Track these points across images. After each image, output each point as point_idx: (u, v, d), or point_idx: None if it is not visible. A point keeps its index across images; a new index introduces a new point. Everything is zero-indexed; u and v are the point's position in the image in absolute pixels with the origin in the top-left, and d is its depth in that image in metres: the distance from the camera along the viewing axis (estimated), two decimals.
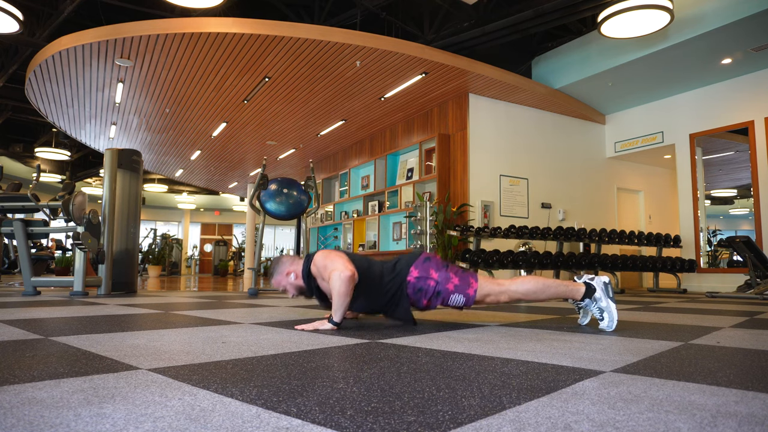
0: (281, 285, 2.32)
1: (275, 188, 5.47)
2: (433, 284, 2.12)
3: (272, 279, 2.33)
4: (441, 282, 2.12)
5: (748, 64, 6.85)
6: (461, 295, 2.11)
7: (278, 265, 2.33)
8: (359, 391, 0.97)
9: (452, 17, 7.12)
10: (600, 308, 2.06)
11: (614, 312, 2.04)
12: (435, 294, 2.12)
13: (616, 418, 0.81)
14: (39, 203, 4.42)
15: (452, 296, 2.11)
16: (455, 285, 2.11)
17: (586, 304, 2.10)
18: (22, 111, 10.80)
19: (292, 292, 2.32)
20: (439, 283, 2.12)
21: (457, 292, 2.11)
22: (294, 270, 2.29)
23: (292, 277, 2.28)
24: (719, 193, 8.24)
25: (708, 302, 4.30)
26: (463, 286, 2.11)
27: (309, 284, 2.24)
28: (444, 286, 2.11)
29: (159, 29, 5.74)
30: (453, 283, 2.12)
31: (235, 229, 22.15)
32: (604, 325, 2.05)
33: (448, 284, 2.12)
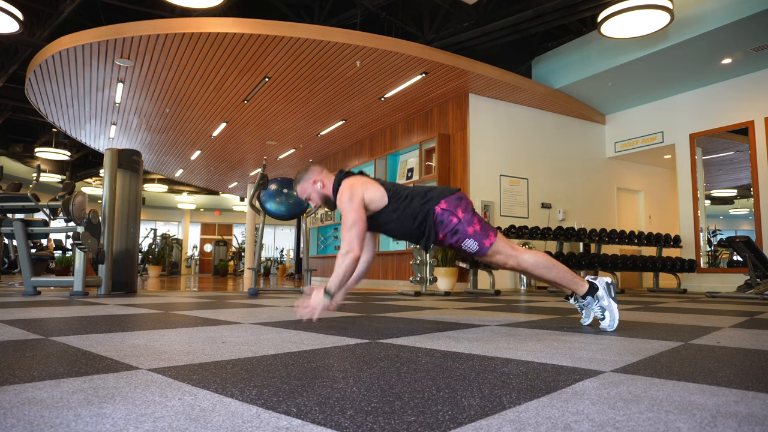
0: (306, 192, 2.32)
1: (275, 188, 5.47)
2: (455, 221, 2.13)
3: (298, 185, 2.33)
4: (463, 222, 2.13)
5: (748, 64, 6.85)
6: (476, 242, 2.11)
7: (306, 173, 2.33)
8: (359, 391, 0.97)
9: (452, 17, 7.12)
10: (602, 307, 2.06)
11: (616, 312, 2.04)
12: (452, 231, 2.14)
13: (616, 418, 0.81)
14: (39, 203, 4.42)
15: (467, 240, 2.12)
16: (475, 231, 2.12)
17: (588, 302, 2.10)
18: (22, 111, 10.80)
19: (316, 201, 2.33)
20: (461, 223, 2.13)
21: (474, 238, 2.11)
22: (323, 180, 2.30)
23: (319, 186, 2.29)
24: (719, 193, 8.24)
25: (708, 302, 4.30)
26: (481, 234, 2.12)
27: (335, 196, 2.26)
28: (464, 227, 2.12)
29: (159, 29, 5.74)
30: (474, 228, 2.12)
31: (235, 229, 22.15)
32: (605, 324, 2.04)
33: (469, 227, 2.12)
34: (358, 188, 2.17)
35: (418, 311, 3.01)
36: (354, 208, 2.12)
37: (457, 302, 3.94)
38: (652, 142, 8.26)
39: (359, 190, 2.16)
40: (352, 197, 2.14)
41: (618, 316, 2.04)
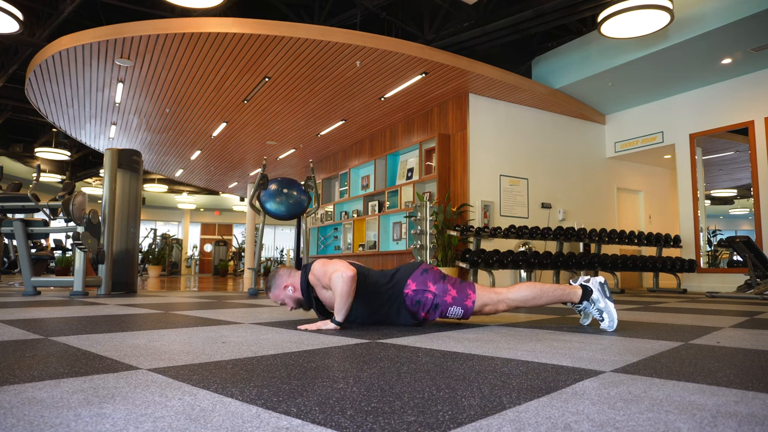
0: (279, 299, 2.31)
1: (275, 188, 5.47)
2: (431, 297, 2.11)
3: (270, 293, 2.32)
4: (439, 294, 2.11)
5: (748, 64, 6.85)
6: (459, 308, 2.11)
7: (275, 279, 2.31)
8: (359, 391, 0.97)
9: (452, 17, 7.12)
10: (599, 309, 2.06)
11: (613, 312, 2.04)
12: (433, 307, 2.12)
13: (616, 418, 0.81)
14: (39, 203, 4.42)
15: (450, 308, 2.11)
16: (453, 297, 2.11)
17: (585, 306, 2.11)
18: (22, 111, 10.81)
19: (290, 305, 2.32)
20: (437, 296, 2.11)
21: (455, 305, 2.11)
22: (291, 283, 2.28)
23: (290, 291, 2.27)
24: (719, 193, 8.24)
25: (708, 302, 4.30)
26: (461, 297, 2.11)
27: (308, 296, 2.23)
28: (442, 298, 2.11)
29: (159, 29, 5.74)
30: (451, 295, 2.11)
31: (235, 229, 22.15)
32: (605, 325, 2.05)
33: (446, 296, 2.11)
34: (328, 262, 2.15)
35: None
36: (331, 265, 2.08)
37: None
38: (652, 142, 8.26)
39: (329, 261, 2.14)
40: (330, 262, 2.12)
41: (616, 316, 2.04)
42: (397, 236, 8.42)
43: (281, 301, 2.31)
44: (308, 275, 2.19)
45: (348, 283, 2.00)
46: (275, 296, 2.31)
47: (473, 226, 6.09)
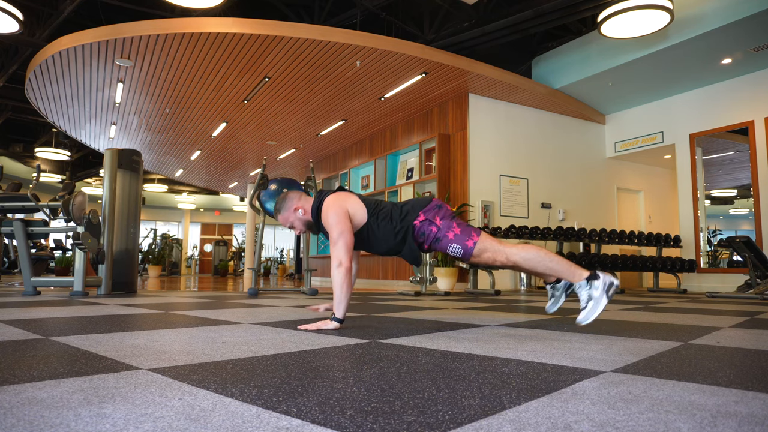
0: (289, 220, 2.34)
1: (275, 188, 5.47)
2: (434, 230, 2.15)
3: (279, 215, 2.35)
4: (442, 229, 2.15)
5: (748, 64, 6.85)
6: (459, 246, 2.12)
7: (285, 201, 2.34)
8: (359, 391, 0.97)
9: (452, 17, 7.12)
10: (590, 295, 1.96)
11: (600, 308, 1.92)
12: (435, 239, 2.16)
13: (616, 418, 0.81)
14: (39, 203, 4.42)
15: (450, 245, 2.13)
16: (455, 234, 2.13)
17: (581, 285, 2.00)
18: (22, 111, 10.81)
19: (300, 228, 2.34)
20: (440, 230, 2.15)
21: (456, 242, 2.12)
22: (302, 206, 2.31)
23: (300, 213, 2.31)
24: (719, 193, 8.24)
25: (708, 302, 4.30)
26: (462, 236, 2.13)
27: (318, 220, 2.26)
28: (444, 233, 2.14)
29: (159, 29, 5.74)
30: (453, 232, 2.14)
31: (235, 229, 22.15)
32: (582, 314, 1.94)
33: (449, 233, 2.14)
34: (340, 201, 2.19)
35: (418, 311, 3.01)
36: (338, 219, 2.12)
37: (457, 302, 3.94)
38: (652, 142, 8.26)
39: (342, 203, 2.18)
40: (336, 211, 2.15)
41: (599, 314, 1.92)
42: None
43: (290, 224, 2.34)
44: (321, 204, 2.22)
45: (344, 277, 2.02)
46: (284, 218, 2.34)
47: None
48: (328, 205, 2.18)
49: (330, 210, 2.16)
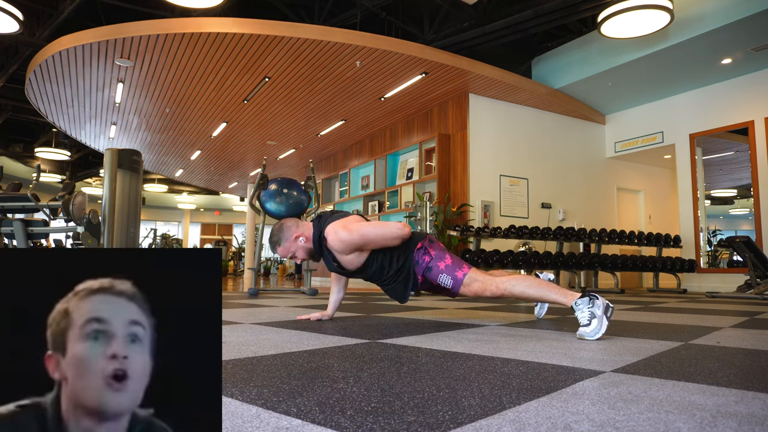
0: (290, 251, 2.25)
1: (275, 188, 5.47)
2: (427, 259, 2.16)
3: (279, 247, 2.24)
4: (434, 258, 2.16)
5: (748, 64, 6.85)
6: (449, 277, 2.11)
7: (283, 231, 2.24)
8: (359, 391, 0.97)
9: (452, 17, 7.12)
10: (592, 313, 1.81)
11: (604, 327, 1.76)
12: (427, 268, 2.16)
13: (616, 418, 0.81)
14: (39, 203, 4.42)
15: (441, 275, 2.13)
16: (446, 265, 2.14)
17: (582, 303, 1.85)
18: (22, 111, 10.80)
19: (302, 256, 2.27)
20: (433, 259, 2.15)
21: (446, 272, 2.12)
22: (302, 233, 2.24)
23: (302, 241, 2.23)
24: (719, 193, 8.24)
25: (708, 302, 4.30)
26: (453, 267, 2.13)
27: (320, 246, 2.22)
28: (436, 262, 2.15)
29: (159, 29, 5.74)
30: (445, 263, 2.14)
31: (235, 229, 22.15)
32: (588, 330, 1.77)
33: (440, 263, 2.14)
34: (352, 223, 2.14)
35: (418, 311, 3.01)
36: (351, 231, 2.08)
37: (457, 302, 3.94)
38: (652, 142, 8.26)
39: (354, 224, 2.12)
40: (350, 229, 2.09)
41: (603, 332, 1.76)
42: None
43: (291, 254, 2.26)
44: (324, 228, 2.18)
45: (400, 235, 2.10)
46: (285, 249, 2.24)
47: (473, 226, 6.09)
48: (338, 227, 2.12)
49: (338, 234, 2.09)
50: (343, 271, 2.26)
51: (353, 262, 2.18)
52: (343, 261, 2.19)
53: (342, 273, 2.30)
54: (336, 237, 2.10)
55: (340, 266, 2.23)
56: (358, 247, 2.12)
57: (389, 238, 2.10)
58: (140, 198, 5.28)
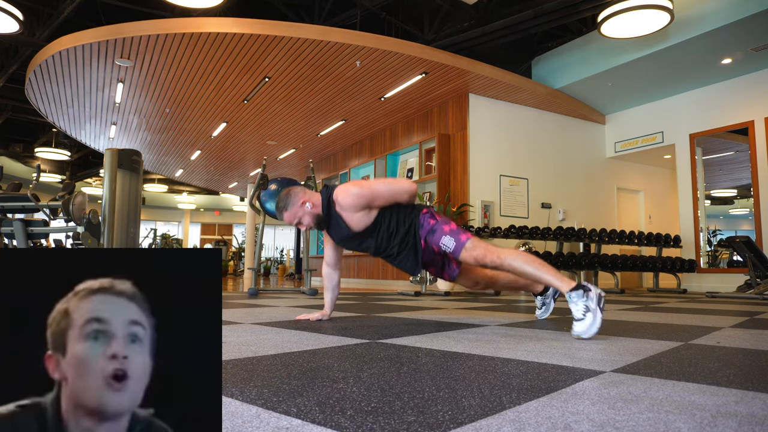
0: (297, 216, 2.22)
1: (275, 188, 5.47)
2: (432, 222, 2.19)
3: (285, 212, 2.22)
4: (440, 222, 2.19)
5: (748, 64, 6.85)
6: (452, 239, 2.13)
7: (290, 197, 2.22)
8: (359, 391, 0.97)
9: (452, 17, 7.12)
10: (587, 306, 1.79)
11: (599, 320, 1.76)
12: (431, 230, 2.18)
13: (616, 418, 0.81)
14: (39, 203, 4.43)
15: (444, 237, 2.15)
16: (451, 229, 2.17)
17: (576, 296, 1.83)
18: (22, 111, 10.80)
19: (308, 223, 2.25)
20: (438, 222, 2.19)
21: (450, 235, 2.14)
22: (309, 198, 2.23)
23: (309, 206, 2.22)
24: (719, 193, 8.25)
25: (708, 302, 4.30)
26: (458, 231, 2.16)
27: (329, 212, 2.22)
28: (441, 226, 2.18)
29: (159, 29, 5.74)
30: (450, 226, 2.18)
31: (235, 229, 22.15)
32: (582, 326, 1.77)
33: (445, 226, 2.18)
34: (361, 181, 2.22)
35: (418, 311, 3.01)
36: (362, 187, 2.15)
37: (457, 302, 3.94)
38: (652, 142, 8.26)
39: (364, 182, 2.20)
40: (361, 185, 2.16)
41: (599, 327, 1.76)
42: None
43: (298, 220, 2.24)
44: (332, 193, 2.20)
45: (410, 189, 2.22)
46: (292, 214, 2.22)
47: (473, 226, 6.09)
48: (347, 186, 2.17)
49: (352, 189, 2.14)
50: (353, 235, 2.25)
51: (362, 221, 2.19)
52: (352, 221, 2.19)
53: (351, 241, 2.28)
54: (346, 193, 2.14)
55: (348, 229, 2.22)
56: (368, 202, 2.15)
57: (399, 191, 2.18)
58: (140, 198, 5.28)
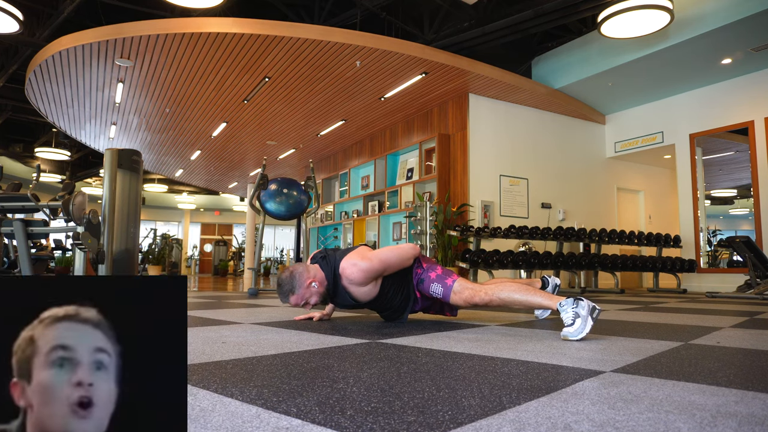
0: (304, 298, 2.16)
1: (275, 188, 5.47)
2: (420, 271, 2.27)
3: (292, 296, 2.15)
4: (426, 270, 2.27)
5: (748, 64, 6.85)
6: (439, 285, 2.20)
7: (296, 279, 2.15)
8: (359, 391, 0.97)
9: (452, 17, 7.12)
10: (576, 313, 1.79)
11: (588, 327, 1.76)
12: (419, 280, 2.26)
13: (616, 418, 0.81)
14: (39, 203, 4.42)
15: (432, 285, 2.22)
16: (437, 275, 2.24)
17: (566, 303, 1.84)
18: (22, 111, 10.80)
19: (315, 301, 2.20)
20: (425, 271, 2.27)
21: (437, 282, 2.22)
22: (314, 278, 2.17)
23: (315, 286, 2.16)
24: (719, 193, 8.24)
25: (708, 302, 4.30)
26: (443, 276, 2.23)
27: (335, 286, 2.19)
28: (428, 273, 2.25)
29: (159, 29, 5.74)
30: (436, 273, 2.25)
31: (235, 229, 22.14)
32: (570, 329, 1.77)
33: (431, 273, 2.25)
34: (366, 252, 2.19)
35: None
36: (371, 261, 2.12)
37: None
38: (652, 142, 8.26)
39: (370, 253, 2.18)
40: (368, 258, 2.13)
41: (587, 332, 1.75)
42: (397, 236, 8.42)
43: (305, 301, 2.20)
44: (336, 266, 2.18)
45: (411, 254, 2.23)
46: (300, 297, 2.15)
47: (473, 226, 6.09)
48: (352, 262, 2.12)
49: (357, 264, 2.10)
50: (357, 305, 2.26)
51: (370, 293, 2.19)
52: (359, 293, 2.18)
53: (354, 307, 2.29)
54: (356, 268, 2.10)
55: (354, 301, 2.22)
56: (379, 274, 2.15)
57: (406, 258, 2.20)
58: (140, 198, 5.28)
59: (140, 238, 9.48)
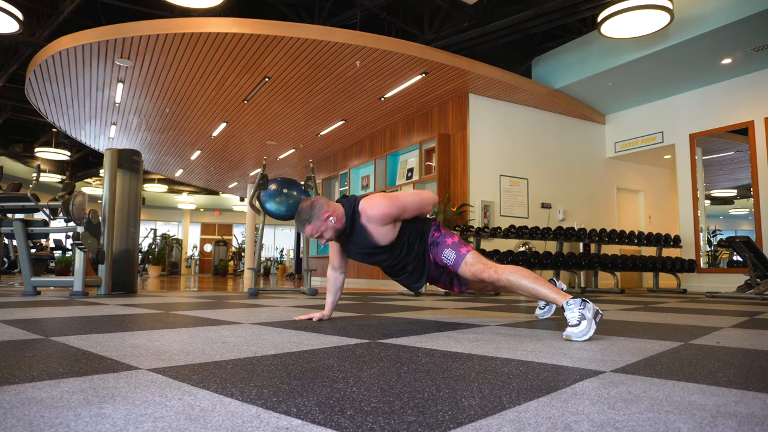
0: (319, 230, 2.17)
1: (275, 188, 5.47)
2: (437, 234, 2.27)
3: (309, 224, 2.15)
4: (443, 234, 2.27)
5: (748, 64, 6.85)
6: (453, 252, 2.19)
7: (315, 209, 2.16)
8: (359, 391, 0.97)
9: (452, 17, 7.12)
10: (583, 315, 1.77)
11: (592, 330, 1.75)
12: (434, 242, 2.26)
13: (616, 418, 0.81)
14: (39, 203, 4.42)
15: (446, 250, 2.21)
16: (453, 242, 2.24)
17: (573, 303, 1.82)
18: (22, 111, 10.80)
19: (329, 236, 2.21)
20: (442, 235, 2.27)
21: (452, 248, 2.21)
22: (333, 213, 2.19)
23: (332, 220, 2.17)
24: (719, 193, 8.24)
25: (708, 302, 4.30)
26: (459, 245, 2.22)
27: (352, 225, 2.21)
28: (444, 238, 2.25)
29: (159, 29, 5.74)
30: (453, 239, 2.25)
31: (235, 229, 22.14)
32: (576, 330, 1.75)
33: (448, 238, 2.25)
34: (387, 194, 2.25)
35: (418, 311, 3.01)
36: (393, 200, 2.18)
37: (457, 302, 3.94)
38: (652, 142, 8.26)
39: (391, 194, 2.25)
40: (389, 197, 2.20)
41: (591, 334, 1.74)
42: None
43: (319, 233, 2.18)
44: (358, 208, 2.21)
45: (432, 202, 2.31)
46: (315, 228, 2.16)
47: (473, 226, 6.09)
48: (374, 200, 2.19)
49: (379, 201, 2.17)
50: (372, 251, 2.27)
51: (388, 235, 2.22)
52: (378, 234, 2.21)
53: (368, 256, 2.30)
54: (376, 204, 2.17)
55: (371, 243, 2.23)
56: (399, 214, 2.19)
57: (426, 203, 2.25)
58: (140, 198, 5.28)
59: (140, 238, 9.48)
